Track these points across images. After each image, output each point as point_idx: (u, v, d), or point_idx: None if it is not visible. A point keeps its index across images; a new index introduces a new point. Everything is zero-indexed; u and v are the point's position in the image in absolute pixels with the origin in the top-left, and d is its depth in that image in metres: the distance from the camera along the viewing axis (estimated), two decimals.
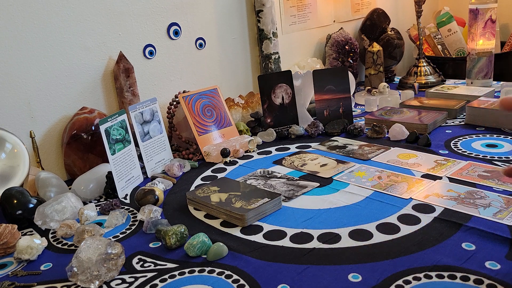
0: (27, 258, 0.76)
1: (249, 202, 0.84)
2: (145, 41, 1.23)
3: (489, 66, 1.49)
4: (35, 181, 0.98)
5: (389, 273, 0.64)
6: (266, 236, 0.77)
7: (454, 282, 0.61)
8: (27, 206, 0.87)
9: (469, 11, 1.48)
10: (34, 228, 0.87)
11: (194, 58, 1.35)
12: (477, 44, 1.48)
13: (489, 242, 0.69)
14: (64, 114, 1.12)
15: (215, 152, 1.13)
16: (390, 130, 1.19)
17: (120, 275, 0.69)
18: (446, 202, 0.82)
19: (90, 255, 0.67)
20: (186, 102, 1.18)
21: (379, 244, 0.72)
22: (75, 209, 0.89)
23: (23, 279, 0.71)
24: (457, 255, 0.67)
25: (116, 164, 0.97)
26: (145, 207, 0.87)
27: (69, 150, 1.06)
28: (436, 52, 1.88)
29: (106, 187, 0.99)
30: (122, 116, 1.02)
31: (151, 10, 1.23)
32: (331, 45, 1.66)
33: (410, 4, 1.73)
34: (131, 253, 0.76)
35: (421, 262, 0.66)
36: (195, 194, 0.90)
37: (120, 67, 1.15)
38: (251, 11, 1.48)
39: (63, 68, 1.10)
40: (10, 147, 0.97)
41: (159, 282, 0.67)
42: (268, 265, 0.69)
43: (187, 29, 1.32)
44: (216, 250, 0.71)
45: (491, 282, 0.60)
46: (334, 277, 0.64)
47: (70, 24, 1.09)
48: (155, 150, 1.11)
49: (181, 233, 0.76)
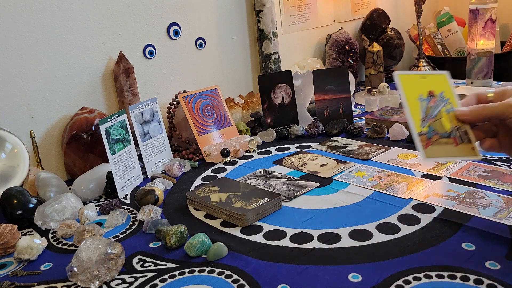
0: (27, 258, 0.75)
1: (249, 202, 0.84)
2: (145, 41, 1.23)
3: (489, 66, 1.49)
4: (35, 181, 0.98)
5: (389, 273, 0.64)
6: (266, 236, 0.77)
7: (454, 282, 0.61)
8: (27, 206, 0.87)
9: (469, 11, 1.48)
10: (34, 228, 0.87)
11: (194, 58, 1.35)
12: (477, 44, 1.48)
13: (489, 242, 0.69)
14: (64, 114, 1.12)
15: (215, 152, 1.13)
16: (390, 130, 1.19)
17: (120, 275, 0.69)
18: (446, 202, 0.82)
19: (90, 255, 0.67)
20: (186, 102, 1.18)
21: (379, 244, 0.72)
22: (75, 209, 0.89)
23: (23, 279, 0.71)
24: (457, 255, 0.67)
25: (116, 164, 0.97)
26: (145, 207, 0.87)
27: (69, 150, 1.06)
28: (436, 52, 1.88)
29: (106, 187, 0.99)
30: (122, 116, 1.02)
31: (151, 10, 1.23)
32: (331, 45, 1.66)
33: (410, 4, 1.73)
34: (131, 253, 0.76)
35: (421, 262, 0.66)
36: (195, 194, 0.90)
37: (120, 67, 1.15)
38: (251, 11, 1.48)
39: (63, 68, 1.10)
40: (10, 147, 0.97)
41: (159, 282, 0.67)
42: (268, 265, 0.69)
43: (187, 29, 1.32)
44: (216, 250, 0.71)
45: (491, 282, 0.60)
46: (334, 277, 0.64)
47: (70, 24, 1.09)
48: (155, 150, 1.11)
49: (181, 233, 0.76)
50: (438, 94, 0.70)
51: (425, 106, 0.68)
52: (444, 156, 0.68)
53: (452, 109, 0.69)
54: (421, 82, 0.70)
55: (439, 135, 0.67)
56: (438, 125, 0.67)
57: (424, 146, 0.66)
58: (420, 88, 0.69)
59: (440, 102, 0.69)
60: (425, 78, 0.71)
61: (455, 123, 0.68)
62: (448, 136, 0.67)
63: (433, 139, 0.66)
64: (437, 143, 0.66)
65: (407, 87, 0.69)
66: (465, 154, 0.67)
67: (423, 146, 0.66)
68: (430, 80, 0.71)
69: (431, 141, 0.66)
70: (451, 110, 0.69)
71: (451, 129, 0.68)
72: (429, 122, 0.67)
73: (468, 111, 0.66)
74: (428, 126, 0.67)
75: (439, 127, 0.67)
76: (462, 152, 0.67)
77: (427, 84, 0.70)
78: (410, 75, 0.71)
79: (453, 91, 0.71)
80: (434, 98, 0.69)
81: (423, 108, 0.68)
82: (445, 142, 0.67)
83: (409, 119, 0.68)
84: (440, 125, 0.68)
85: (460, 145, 0.67)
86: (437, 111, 0.68)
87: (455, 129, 0.68)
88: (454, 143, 0.67)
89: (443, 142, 0.66)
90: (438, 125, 0.67)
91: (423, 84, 0.70)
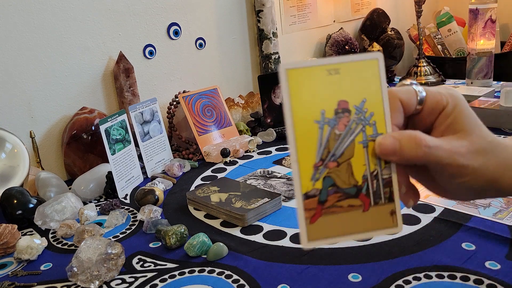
0: (27, 258, 0.75)
1: (249, 202, 0.84)
2: (145, 41, 1.23)
3: (489, 66, 1.49)
4: (35, 181, 0.98)
5: (389, 273, 0.64)
6: (266, 236, 0.77)
7: (454, 282, 0.61)
8: (27, 206, 0.87)
9: (469, 11, 1.48)
10: (34, 228, 0.87)
11: (194, 58, 1.35)
12: (477, 44, 1.48)
13: (489, 242, 0.69)
14: (64, 114, 1.12)
15: (215, 152, 1.12)
16: None
17: (120, 275, 0.69)
18: (446, 202, 0.82)
19: (90, 255, 0.67)
20: (186, 102, 1.18)
21: (379, 244, 0.72)
22: (75, 209, 0.89)
23: (23, 279, 0.71)
24: (457, 255, 0.67)
25: (116, 164, 0.97)
26: (145, 207, 0.87)
27: (69, 150, 1.06)
28: (436, 52, 1.88)
29: (106, 187, 0.99)
30: (122, 116, 1.02)
31: (151, 10, 1.23)
32: (331, 45, 1.66)
33: (410, 4, 1.73)
34: (131, 253, 0.76)
35: (421, 262, 0.66)
36: (195, 194, 0.90)
37: (120, 67, 1.15)
38: (251, 11, 1.48)
39: (63, 68, 1.10)
40: (10, 147, 0.97)
41: (159, 282, 0.67)
42: (268, 265, 0.69)
43: (187, 29, 1.32)
44: (216, 250, 0.71)
45: (491, 282, 0.60)
46: (334, 277, 0.64)
47: (70, 24, 1.09)
48: (155, 150, 1.11)
49: (181, 233, 0.76)
50: (357, 106, 0.38)
51: (327, 135, 0.38)
52: (340, 235, 0.39)
53: (374, 136, 0.39)
54: (328, 82, 0.38)
55: (340, 193, 0.38)
56: (342, 174, 0.38)
57: (310, 219, 0.38)
58: (323, 96, 0.38)
59: (357, 122, 0.38)
60: (338, 73, 0.38)
61: (373, 163, 0.39)
62: (355, 193, 0.39)
63: (328, 203, 0.38)
64: (332, 210, 0.38)
65: (299, 96, 0.38)
66: (378, 226, 0.39)
67: (308, 220, 0.38)
68: (346, 76, 0.38)
69: (323, 208, 0.38)
70: (371, 138, 0.39)
71: (364, 178, 0.39)
72: (327, 170, 0.38)
73: (399, 146, 0.38)
74: (324, 178, 0.38)
75: (344, 176, 0.38)
76: (374, 222, 0.39)
77: (339, 85, 0.38)
78: (308, 69, 0.38)
79: (384, 96, 0.39)
80: (348, 115, 0.38)
81: (323, 140, 0.38)
82: (347, 205, 0.39)
83: (293, 165, 0.38)
84: (346, 174, 0.39)
85: (373, 209, 0.39)
86: (347, 144, 0.38)
87: (371, 176, 0.39)
88: (363, 207, 0.39)
89: (344, 206, 0.39)
90: (343, 173, 0.38)
91: (332, 86, 0.38)
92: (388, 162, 0.39)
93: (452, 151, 0.39)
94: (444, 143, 0.39)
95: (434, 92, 0.41)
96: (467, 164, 0.39)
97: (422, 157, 0.38)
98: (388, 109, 0.39)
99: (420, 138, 0.38)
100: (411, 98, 0.40)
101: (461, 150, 0.39)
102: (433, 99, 0.40)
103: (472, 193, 0.42)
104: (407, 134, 0.39)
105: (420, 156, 0.38)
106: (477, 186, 0.40)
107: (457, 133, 0.40)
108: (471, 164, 0.39)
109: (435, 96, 0.40)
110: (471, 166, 0.39)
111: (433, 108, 0.41)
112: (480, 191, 0.41)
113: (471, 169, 0.39)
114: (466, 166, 0.39)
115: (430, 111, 0.41)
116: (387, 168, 0.39)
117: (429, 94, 0.41)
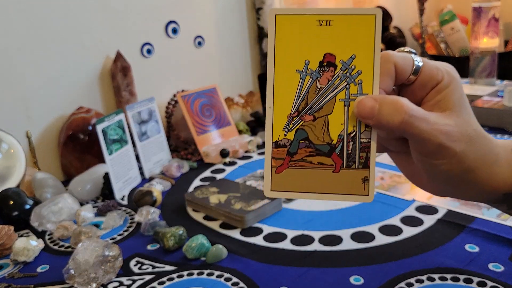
0: (23, 260, 0.75)
1: (249, 203, 0.83)
2: (142, 40, 1.22)
3: (492, 65, 1.48)
4: (32, 181, 0.97)
5: (392, 275, 0.63)
6: (266, 238, 0.76)
7: (457, 284, 0.60)
8: (24, 207, 0.86)
9: (472, 9, 1.47)
10: (31, 230, 0.86)
11: (192, 56, 1.34)
12: (481, 42, 1.47)
13: (492, 243, 0.68)
14: (60, 114, 1.10)
15: (214, 153, 1.11)
16: None
17: (117, 277, 0.68)
18: (449, 203, 0.81)
19: (87, 257, 0.66)
20: (184, 101, 1.17)
21: (381, 246, 0.71)
22: (72, 210, 0.88)
23: (19, 281, 0.70)
24: (460, 257, 0.66)
25: (113, 164, 0.96)
26: (143, 209, 0.86)
27: (65, 150, 1.05)
28: (439, 51, 1.86)
29: (103, 188, 0.98)
30: (119, 115, 1.01)
31: (149, 8, 1.22)
32: None
33: (413, 2, 1.72)
34: (129, 255, 0.75)
35: (424, 264, 0.65)
36: (194, 195, 0.89)
37: (117, 66, 1.14)
38: (251, 9, 1.47)
39: (60, 67, 1.09)
40: (6, 148, 0.96)
41: (157, 284, 0.66)
42: (268, 268, 0.68)
43: (185, 27, 1.31)
44: (215, 252, 0.70)
45: (494, 284, 0.59)
46: (335, 280, 0.63)
47: (67, 22, 1.08)
48: (153, 150, 1.10)
49: (180, 235, 0.75)
50: (344, 62, 0.37)
51: (308, 86, 0.37)
52: (305, 191, 0.38)
53: (357, 96, 0.37)
54: (317, 33, 0.37)
55: (311, 149, 0.38)
56: (317, 130, 0.37)
57: (277, 168, 0.38)
58: (310, 46, 0.37)
59: (341, 78, 0.37)
60: (329, 25, 0.37)
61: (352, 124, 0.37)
62: (328, 151, 0.37)
63: (298, 156, 0.38)
64: (301, 164, 0.38)
65: (285, 43, 0.37)
66: (346, 190, 0.38)
67: (274, 169, 0.38)
68: (338, 28, 0.37)
69: (291, 160, 0.38)
70: (354, 97, 0.37)
71: (339, 138, 0.37)
72: (302, 123, 0.37)
73: (377, 109, 0.36)
74: (297, 130, 0.37)
75: (318, 132, 0.37)
76: (343, 186, 0.38)
77: (329, 38, 0.37)
78: (298, 17, 0.37)
79: (376, 55, 0.37)
80: (333, 70, 0.37)
81: (302, 91, 0.37)
82: (317, 162, 0.38)
83: (268, 112, 0.38)
84: (322, 130, 0.37)
85: (345, 172, 0.37)
86: (327, 100, 0.37)
87: (347, 137, 0.37)
88: (334, 167, 0.38)
89: (314, 162, 0.37)
90: (318, 129, 0.37)
91: (320, 37, 0.37)
92: (368, 126, 0.37)
93: (436, 127, 0.37)
94: (429, 116, 0.37)
95: (431, 66, 0.39)
96: (448, 145, 0.37)
97: (400, 125, 0.36)
98: (378, 70, 0.37)
99: (402, 104, 0.36)
100: (406, 64, 0.39)
101: (446, 128, 0.37)
102: (429, 72, 0.39)
103: (448, 183, 0.40)
104: (390, 98, 0.36)
105: (397, 124, 0.36)
106: (452, 173, 0.39)
107: (445, 111, 0.38)
108: (452, 147, 0.38)
109: (431, 70, 0.39)
110: (452, 149, 0.38)
111: (427, 81, 0.39)
112: (456, 181, 0.39)
113: (452, 152, 0.38)
114: (447, 147, 0.37)
115: (424, 84, 0.39)
116: (367, 132, 0.37)
117: (426, 66, 0.39)
